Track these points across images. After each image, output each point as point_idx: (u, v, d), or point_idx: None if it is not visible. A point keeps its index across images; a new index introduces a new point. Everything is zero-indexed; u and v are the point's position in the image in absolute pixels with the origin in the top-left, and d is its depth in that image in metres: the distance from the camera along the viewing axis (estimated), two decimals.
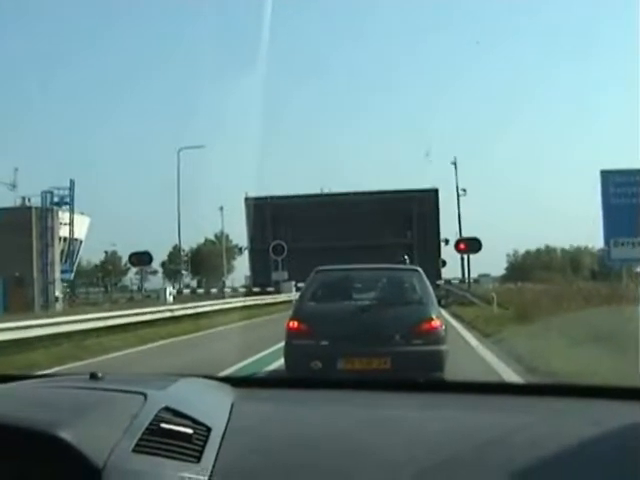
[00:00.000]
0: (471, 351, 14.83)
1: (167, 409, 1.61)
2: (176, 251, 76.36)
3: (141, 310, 23.75)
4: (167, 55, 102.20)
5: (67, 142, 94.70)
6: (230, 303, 33.53)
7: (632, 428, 1.65)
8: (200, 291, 53.06)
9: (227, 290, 51.09)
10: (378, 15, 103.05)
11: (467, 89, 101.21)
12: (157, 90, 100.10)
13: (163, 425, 1.53)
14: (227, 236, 78.92)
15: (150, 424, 1.52)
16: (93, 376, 1.86)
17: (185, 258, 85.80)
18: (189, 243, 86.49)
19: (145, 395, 1.63)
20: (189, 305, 28.67)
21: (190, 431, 1.55)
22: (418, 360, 8.60)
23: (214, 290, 51.60)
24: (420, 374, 7.93)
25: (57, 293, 46.62)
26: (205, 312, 27.99)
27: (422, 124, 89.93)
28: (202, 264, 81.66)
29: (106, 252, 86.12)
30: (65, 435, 1.39)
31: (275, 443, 1.64)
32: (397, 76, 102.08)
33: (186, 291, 50.38)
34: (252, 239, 56.96)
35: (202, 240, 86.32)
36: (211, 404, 1.82)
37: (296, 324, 9.45)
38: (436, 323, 9.30)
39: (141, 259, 46.24)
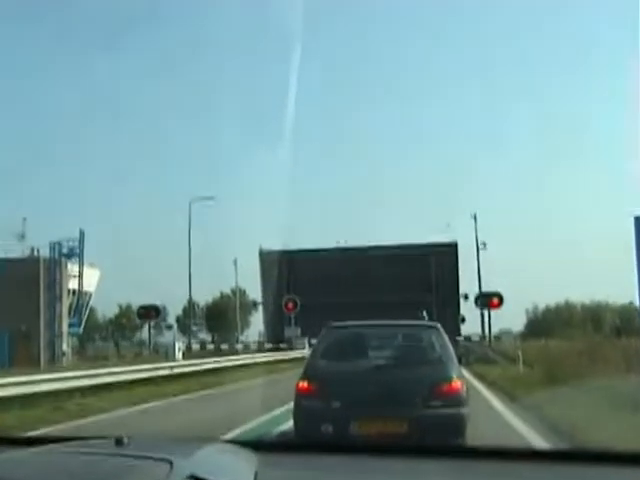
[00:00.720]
0: (497, 417, 13.20)
1: (193, 477, 1.60)
2: (191, 306, 75.60)
3: (138, 367, 22.32)
4: (190, 109, 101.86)
5: (79, 194, 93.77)
6: (237, 360, 32.01)
7: None
8: (210, 347, 51.56)
9: (239, 346, 49.72)
10: (394, 78, 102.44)
11: (487, 142, 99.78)
12: (177, 143, 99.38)
13: None
14: (244, 291, 78.16)
15: None
16: (118, 442, 1.84)
17: (200, 313, 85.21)
18: (205, 297, 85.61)
19: (171, 463, 1.63)
20: (192, 362, 27.24)
21: None
22: (437, 424, 8.15)
23: (225, 346, 50.28)
24: (440, 439, 7.81)
25: (64, 347, 45.30)
26: (209, 369, 26.38)
27: (441, 178, 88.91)
28: (217, 319, 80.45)
29: (120, 306, 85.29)
30: None
31: None
32: (414, 132, 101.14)
33: (196, 347, 49.03)
34: (266, 293, 55.94)
35: (218, 294, 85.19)
36: (236, 472, 1.83)
37: (306, 384, 8.90)
38: (457, 384, 8.70)
39: (149, 313, 44.99)
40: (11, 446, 2.05)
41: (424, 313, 34.60)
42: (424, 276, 52.68)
